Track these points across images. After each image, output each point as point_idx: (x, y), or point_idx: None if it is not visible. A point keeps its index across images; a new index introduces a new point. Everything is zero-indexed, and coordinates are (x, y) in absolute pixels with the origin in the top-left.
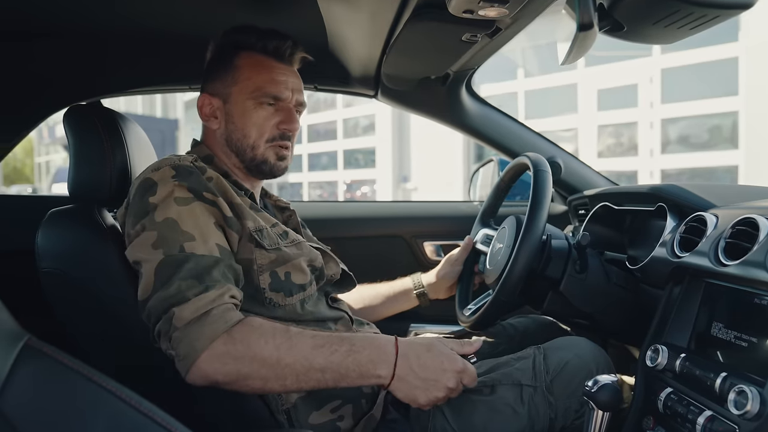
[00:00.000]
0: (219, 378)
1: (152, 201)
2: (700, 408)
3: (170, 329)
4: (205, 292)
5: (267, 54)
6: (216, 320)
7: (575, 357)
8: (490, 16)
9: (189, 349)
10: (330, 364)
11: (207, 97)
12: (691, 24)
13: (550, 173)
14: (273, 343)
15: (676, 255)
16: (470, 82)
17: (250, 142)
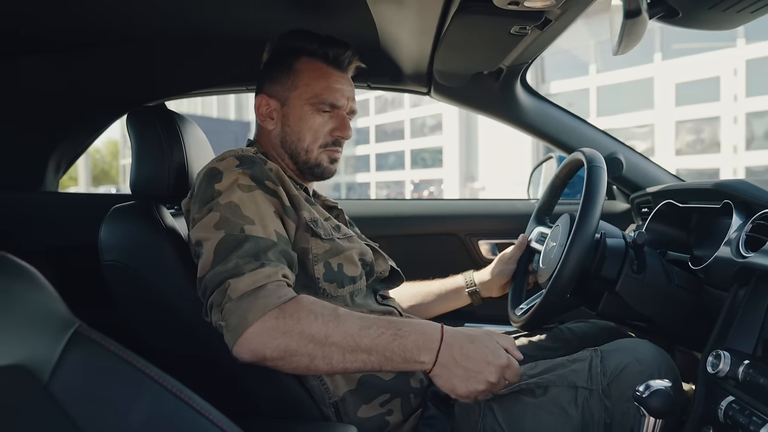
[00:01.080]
0: (266, 353)
1: (218, 187)
2: (764, 419)
3: (223, 300)
4: (261, 268)
5: (326, 61)
6: (270, 294)
7: (635, 360)
8: (537, 6)
9: (240, 321)
10: (376, 346)
11: (264, 98)
12: (752, 6)
13: (604, 169)
14: (322, 320)
15: (741, 255)
16: (524, 76)
17: (305, 146)
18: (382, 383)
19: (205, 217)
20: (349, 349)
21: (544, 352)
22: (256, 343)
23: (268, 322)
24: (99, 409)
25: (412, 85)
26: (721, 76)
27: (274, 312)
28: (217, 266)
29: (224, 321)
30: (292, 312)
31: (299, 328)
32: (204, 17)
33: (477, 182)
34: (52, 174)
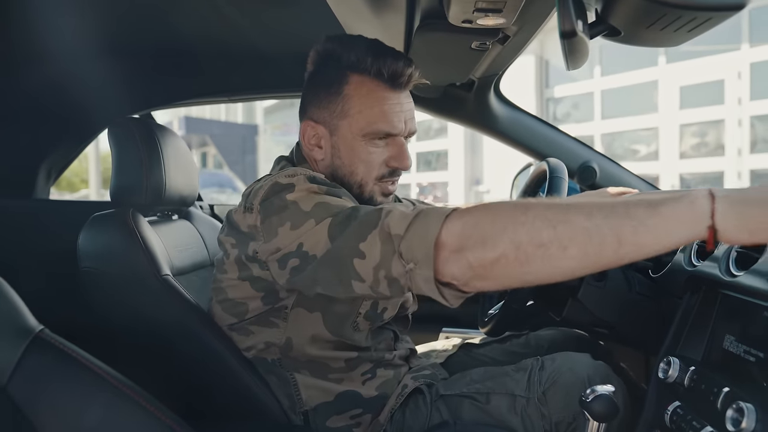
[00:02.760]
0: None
1: (290, 198)
2: (702, 423)
3: (396, 244)
4: (395, 209)
5: (381, 80)
6: (431, 212)
7: (569, 371)
8: (489, 25)
9: (421, 243)
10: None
11: (311, 125)
12: (686, 27)
13: (565, 179)
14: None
15: (691, 263)
16: (498, 86)
17: (358, 180)
18: (361, 399)
19: (287, 225)
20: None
21: (514, 358)
22: (455, 245)
23: (455, 222)
24: (55, 410)
25: None
26: (725, 79)
27: (454, 213)
28: (341, 239)
29: (412, 263)
30: (475, 207)
31: (496, 215)
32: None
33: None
34: (43, 182)
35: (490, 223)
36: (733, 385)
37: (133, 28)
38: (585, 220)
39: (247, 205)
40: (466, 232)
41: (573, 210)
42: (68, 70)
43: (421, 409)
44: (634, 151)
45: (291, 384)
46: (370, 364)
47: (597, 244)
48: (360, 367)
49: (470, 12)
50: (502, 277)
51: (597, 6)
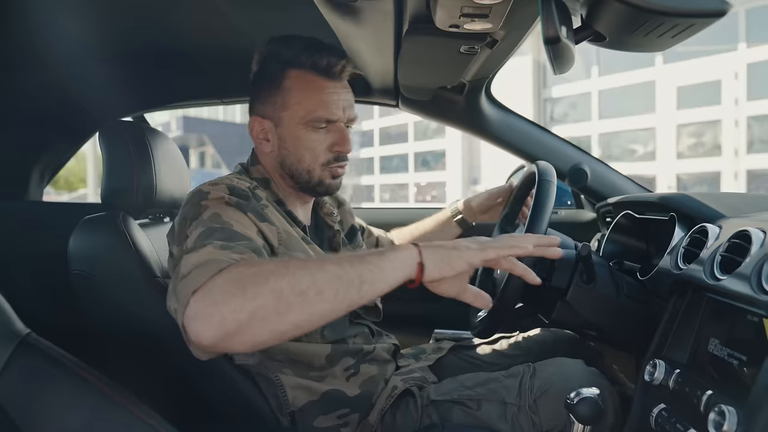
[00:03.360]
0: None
1: (203, 203)
2: (686, 426)
3: (177, 281)
4: (221, 249)
5: (317, 72)
6: (215, 263)
7: (561, 379)
8: (476, 29)
9: (184, 296)
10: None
11: (257, 120)
12: (669, 33)
13: (554, 183)
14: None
15: (678, 267)
16: (489, 89)
17: (305, 167)
18: (346, 399)
19: (189, 229)
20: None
21: (504, 360)
22: (196, 316)
23: (207, 286)
24: (40, 412)
25: (381, 98)
26: (722, 79)
27: (219, 273)
28: (181, 250)
29: (175, 305)
30: (231, 275)
31: (241, 285)
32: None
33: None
34: (36, 184)
35: (253, 275)
36: (717, 388)
37: (128, 30)
38: (336, 267)
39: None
40: (225, 287)
41: (326, 261)
42: (63, 71)
43: (411, 413)
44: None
45: (276, 385)
46: (352, 359)
47: (345, 286)
48: (341, 362)
49: (456, 17)
50: (259, 331)
51: (582, 12)
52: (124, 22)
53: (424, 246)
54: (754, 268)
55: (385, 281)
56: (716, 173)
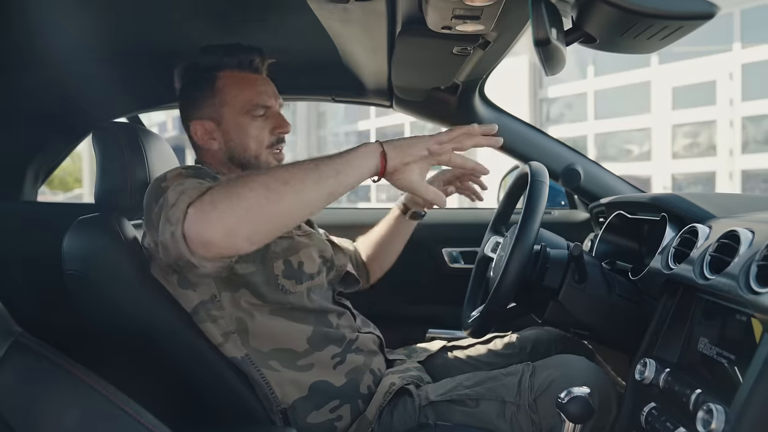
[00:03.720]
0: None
1: (163, 185)
2: (675, 425)
3: (167, 210)
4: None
5: (243, 69)
6: (197, 188)
7: (562, 376)
8: (469, 31)
9: (178, 213)
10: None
11: (199, 123)
12: (659, 35)
13: (546, 183)
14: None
15: (668, 266)
16: (482, 89)
17: (252, 153)
18: (333, 389)
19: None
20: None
21: (498, 359)
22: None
23: (202, 197)
24: (33, 412)
25: (375, 99)
26: (717, 80)
27: (200, 196)
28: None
29: (173, 225)
30: (219, 184)
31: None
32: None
33: None
34: (31, 184)
35: (241, 181)
36: (706, 387)
37: (124, 30)
38: (312, 164)
39: None
40: (218, 193)
41: (303, 161)
42: (59, 70)
43: (409, 412)
44: (627, 151)
45: (263, 384)
46: (338, 348)
47: (324, 176)
48: (328, 349)
49: (448, 18)
50: (257, 221)
51: (572, 13)
52: (121, 22)
53: (385, 141)
54: (742, 268)
55: (358, 170)
56: (711, 173)
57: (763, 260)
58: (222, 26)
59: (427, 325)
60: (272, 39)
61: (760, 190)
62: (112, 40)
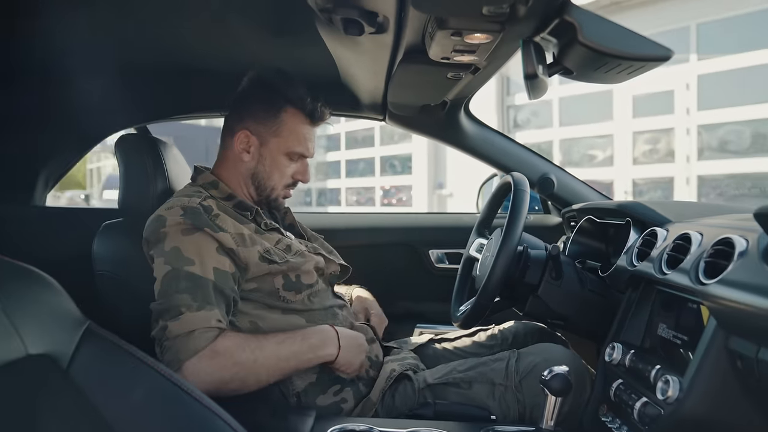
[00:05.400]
0: (206, 384)
1: (162, 231)
2: (639, 395)
3: (162, 338)
4: (197, 311)
5: (309, 117)
6: (198, 338)
7: (544, 361)
8: (465, 61)
9: (173, 358)
10: (291, 354)
11: (246, 134)
12: (626, 71)
13: (527, 192)
14: (249, 348)
15: (632, 264)
16: (468, 106)
17: (272, 184)
18: (335, 375)
19: (152, 252)
20: (272, 364)
21: (482, 349)
22: (193, 377)
23: (202, 361)
24: (107, 389)
25: (369, 113)
26: (674, 89)
27: (206, 352)
28: (160, 299)
29: (162, 356)
30: (224, 349)
31: (232, 360)
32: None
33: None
34: (41, 189)
35: (228, 375)
36: (664, 363)
37: (134, 44)
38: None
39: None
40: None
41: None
42: (73, 80)
43: (409, 394)
44: (591, 156)
45: None
46: None
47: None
48: None
49: (449, 52)
50: (235, 388)
51: (554, 50)
52: (132, 36)
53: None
54: (693, 264)
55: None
56: (670, 179)
57: (709, 257)
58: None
59: (416, 321)
60: (276, 56)
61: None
62: (123, 52)
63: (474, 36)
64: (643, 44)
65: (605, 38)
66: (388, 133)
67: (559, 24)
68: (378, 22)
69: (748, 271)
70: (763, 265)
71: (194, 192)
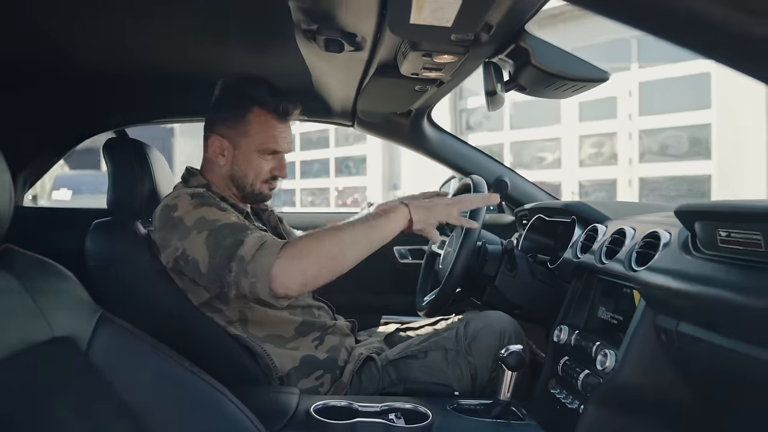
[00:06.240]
0: (296, 280)
1: (176, 215)
2: (582, 369)
3: (245, 265)
4: (254, 233)
5: (276, 114)
6: (272, 245)
7: (486, 326)
8: (432, 77)
9: (263, 269)
10: (365, 232)
11: (218, 139)
12: (570, 90)
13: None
14: (323, 238)
15: (577, 256)
16: (430, 114)
17: (250, 181)
18: (318, 362)
19: (176, 237)
20: (353, 243)
21: None
22: (283, 277)
23: (283, 259)
24: (123, 369)
25: (339, 119)
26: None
27: (282, 250)
28: (216, 252)
29: (254, 278)
30: (298, 244)
31: (308, 250)
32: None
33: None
34: (20, 190)
35: (308, 245)
36: (603, 340)
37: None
38: (362, 228)
39: (152, 221)
40: (299, 250)
41: (356, 225)
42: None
43: (374, 373)
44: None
45: (265, 355)
46: (318, 332)
47: (369, 239)
48: (310, 334)
49: (419, 69)
50: (331, 273)
51: (510, 70)
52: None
53: (411, 205)
54: (627, 255)
55: (392, 232)
56: (613, 180)
57: (640, 249)
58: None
59: (382, 313)
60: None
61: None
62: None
63: (442, 57)
64: (585, 68)
65: (553, 62)
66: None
67: (515, 48)
68: (356, 42)
69: (671, 259)
70: (682, 254)
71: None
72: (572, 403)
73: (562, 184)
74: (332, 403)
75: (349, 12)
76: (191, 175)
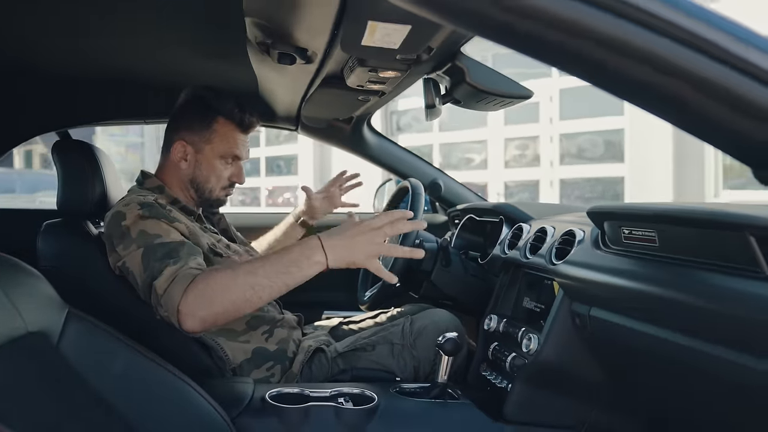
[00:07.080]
0: (201, 315)
1: (124, 224)
2: (510, 352)
3: (158, 298)
4: (173, 265)
5: (240, 125)
6: (182, 279)
7: (432, 323)
8: (375, 89)
9: (171, 305)
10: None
11: (183, 144)
12: (499, 104)
13: (423, 195)
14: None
15: (504, 253)
16: (370, 121)
17: (209, 187)
18: (269, 353)
19: (120, 247)
20: (263, 284)
21: None
22: (189, 315)
23: (189, 295)
24: (93, 361)
25: (283, 124)
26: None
27: (190, 287)
28: (145, 273)
29: (165, 311)
30: (208, 280)
31: (211, 287)
32: (103, 57)
33: None
34: None
35: (213, 288)
36: (527, 326)
37: (57, 50)
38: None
39: (103, 223)
40: (203, 307)
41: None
42: None
43: (323, 363)
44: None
45: (219, 348)
46: (267, 325)
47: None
48: (260, 328)
49: (364, 82)
50: (239, 310)
51: (447, 85)
52: (55, 40)
53: (327, 245)
54: (548, 250)
55: (308, 277)
56: (536, 181)
57: (559, 245)
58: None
59: (323, 308)
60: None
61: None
62: (46, 58)
63: (386, 72)
64: (512, 86)
65: (485, 80)
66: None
67: (451, 67)
68: (308, 56)
69: (584, 254)
70: (594, 249)
71: (147, 193)
72: (501, 383)
73: (489, 184)
74: (285, 390)
75: (303, 29)
76: (146, 177)
